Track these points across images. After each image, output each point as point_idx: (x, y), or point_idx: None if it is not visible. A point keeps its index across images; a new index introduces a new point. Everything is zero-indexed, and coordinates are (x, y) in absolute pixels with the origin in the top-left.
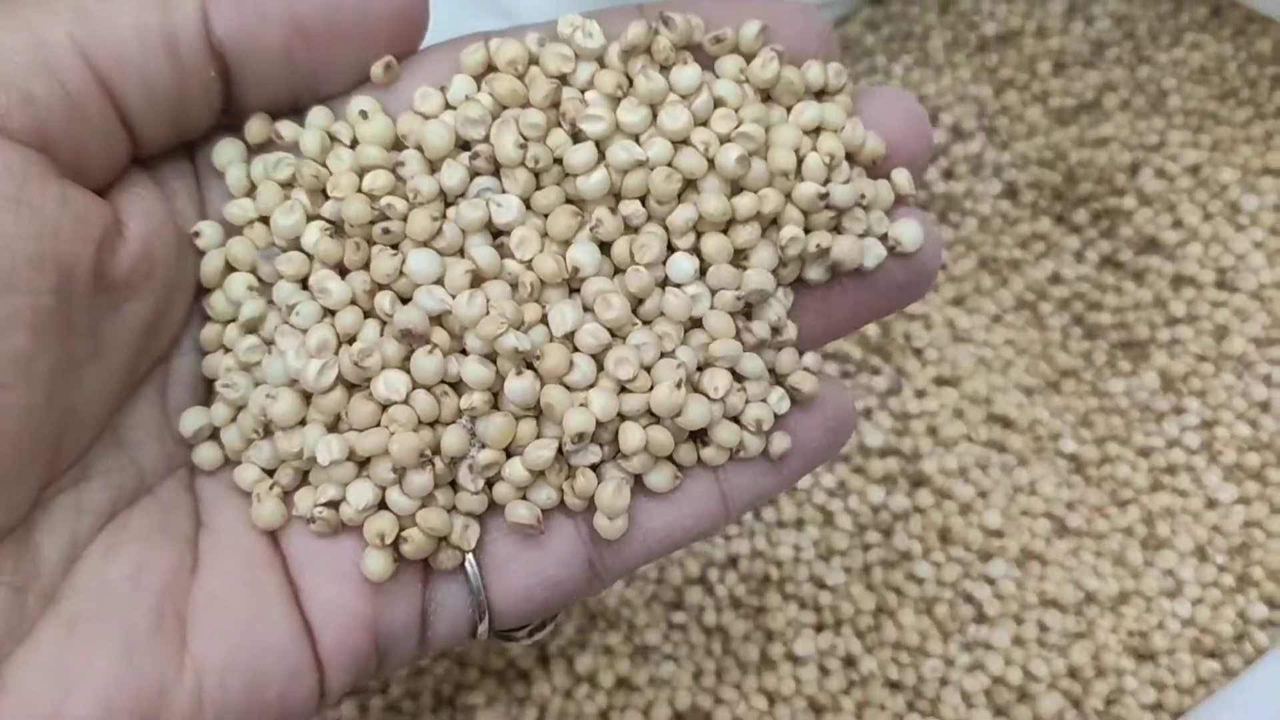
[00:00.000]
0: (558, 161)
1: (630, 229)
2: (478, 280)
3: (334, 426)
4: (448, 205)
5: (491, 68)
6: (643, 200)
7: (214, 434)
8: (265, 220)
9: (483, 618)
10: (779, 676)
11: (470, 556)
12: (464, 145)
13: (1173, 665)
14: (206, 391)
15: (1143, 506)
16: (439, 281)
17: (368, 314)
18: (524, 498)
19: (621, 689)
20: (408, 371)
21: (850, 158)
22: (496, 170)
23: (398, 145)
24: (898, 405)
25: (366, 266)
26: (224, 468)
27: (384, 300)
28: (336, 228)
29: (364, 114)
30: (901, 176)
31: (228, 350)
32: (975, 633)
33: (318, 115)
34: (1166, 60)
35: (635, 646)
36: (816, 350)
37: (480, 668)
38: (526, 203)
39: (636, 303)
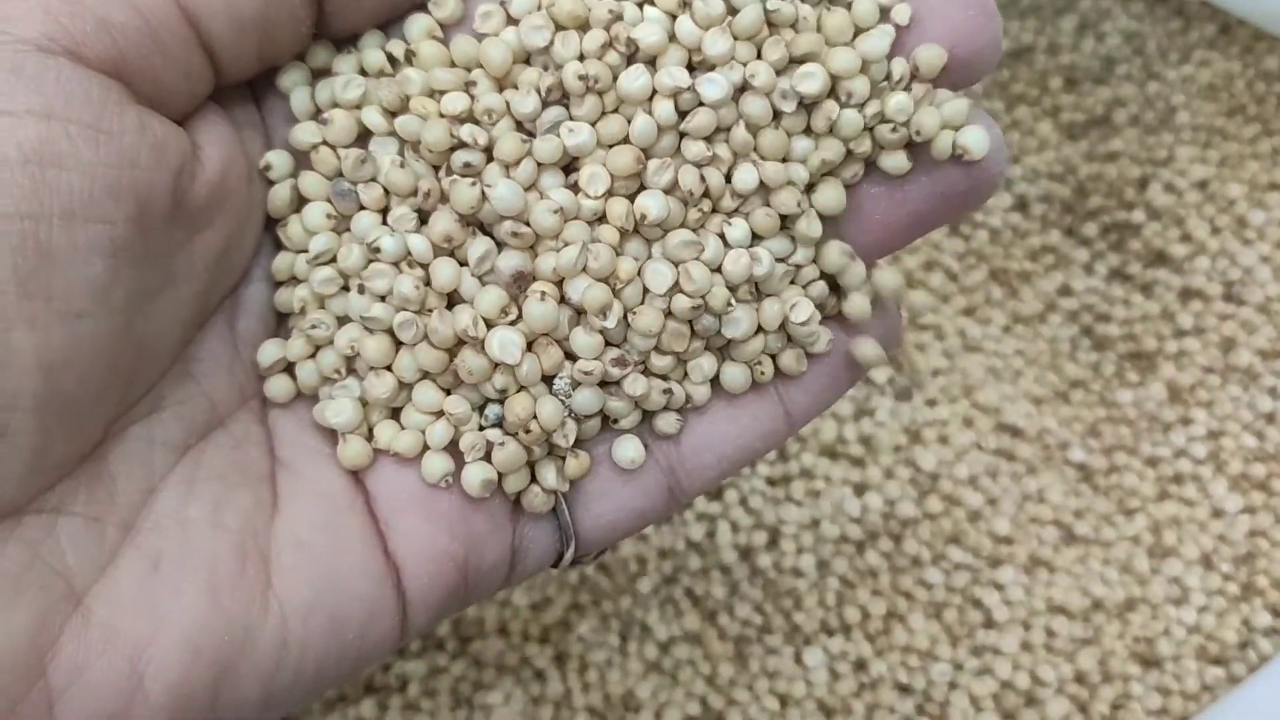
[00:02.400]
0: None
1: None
2: (564, 218)
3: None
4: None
5: None
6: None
7: (288, 366)
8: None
9: (568, 548)
10: (790, 679)
11: (563, 500)
12: (527, 60)
13: (1178, 671)
14: (277, 322)
15: (1149, 515)
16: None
17: (444, 252)
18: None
19: (635, 690)
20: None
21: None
22: (564, 97)
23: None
24: (909, 413)
25: (442, 198)
26: (296, 400)
27: (476, 248)
28: (410, 149)
29: (429, 38)
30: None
31: (300, 281)
32: (984, 638)
33: (371, 38)
34: (1175, 77)
35: (649, 647)
36: (876, 262)
37: (497, 666)
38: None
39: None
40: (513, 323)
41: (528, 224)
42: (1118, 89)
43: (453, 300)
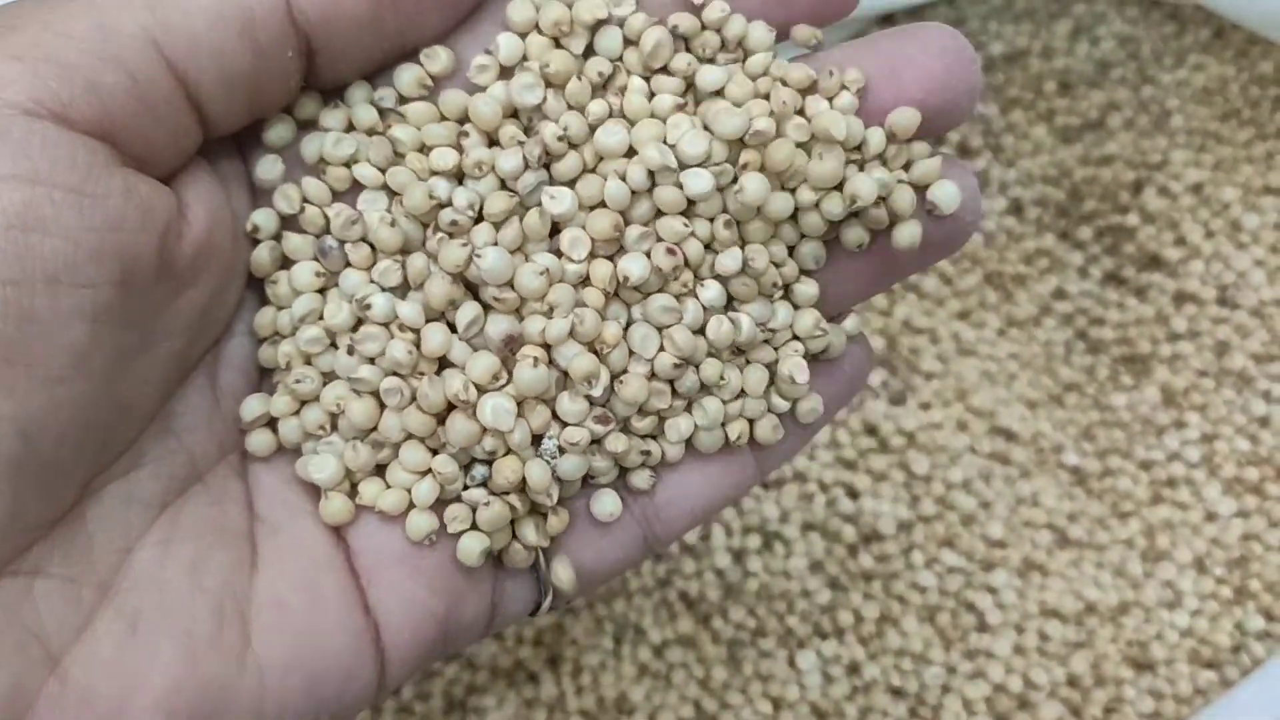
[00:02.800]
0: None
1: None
2: (550, 281)
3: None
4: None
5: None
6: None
7: (270, 421)
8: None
9: (546, 598)
10: (783, 682)
11: (540, 553)
12: (514, 114)
13: (1171, 675)
14: (259, 376)
15: (1143, 519)
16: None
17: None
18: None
19: (629, 693)
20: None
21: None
22: (548, 155)
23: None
24: (903, 417)
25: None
26: (277, 454)
27: (466, 313)
28: (398, 204)
29: (414, 92)
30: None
31: (284, 337)
32: (977, 641)
33: (359, 90)
34: (1170, 81)
35: (643, 650)
36: (851, 309)
37: (490, 669)
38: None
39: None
40: (502, 387)
41: (512, 286)
42: (1112, 93)
43: (441, 363)
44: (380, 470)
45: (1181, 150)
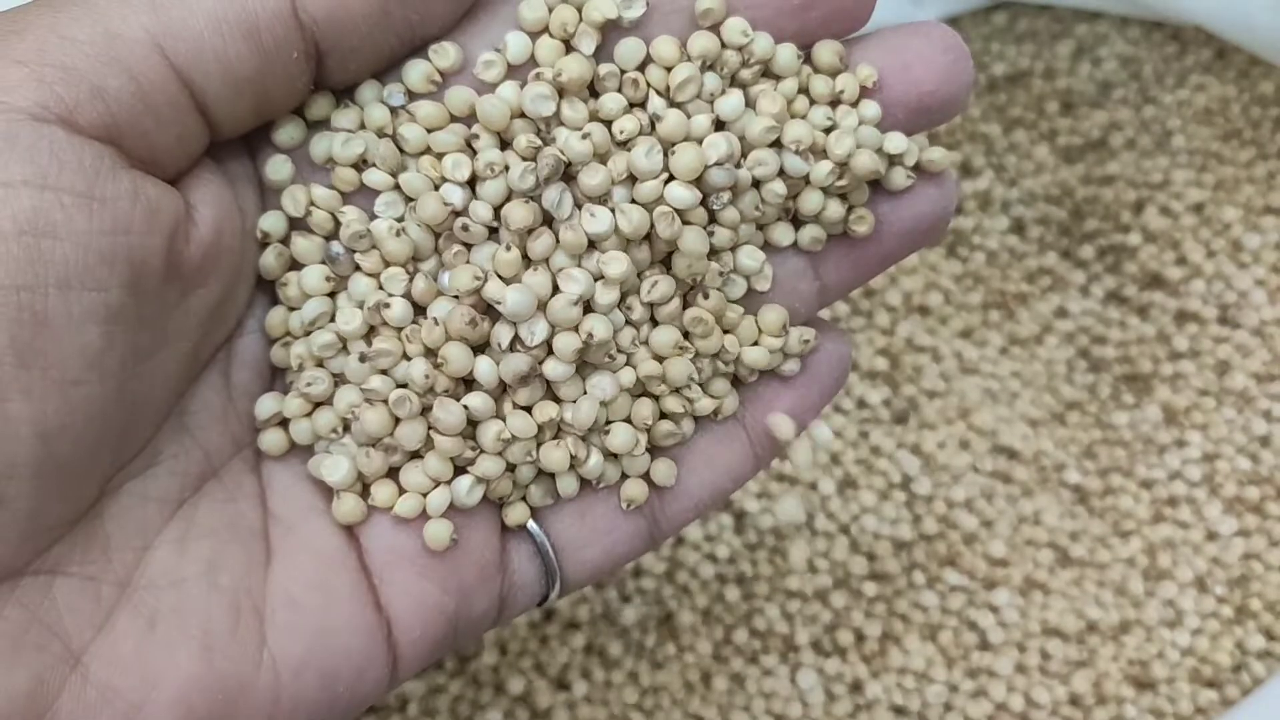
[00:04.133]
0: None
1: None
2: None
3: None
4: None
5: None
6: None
7: (283, 420)
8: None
9: (554, 590)
10: (786, 700)
11: (548, 545)
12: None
13: (1172, 694)
14: (272, 374)
15: (1144, 538)
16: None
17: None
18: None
19: (633, 709)
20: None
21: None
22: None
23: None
24: (905, 435)
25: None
26: (290, 453)
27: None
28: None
29: (427, 89)
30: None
31: (295, 337)
32: (979, 660)
33: (369, 90)
34: (1171, 101)
35: (645, 668)
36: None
37: (495, 686)
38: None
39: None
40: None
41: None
42: (1114, 113)
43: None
44: (393, 472)
45: (1183, 170)
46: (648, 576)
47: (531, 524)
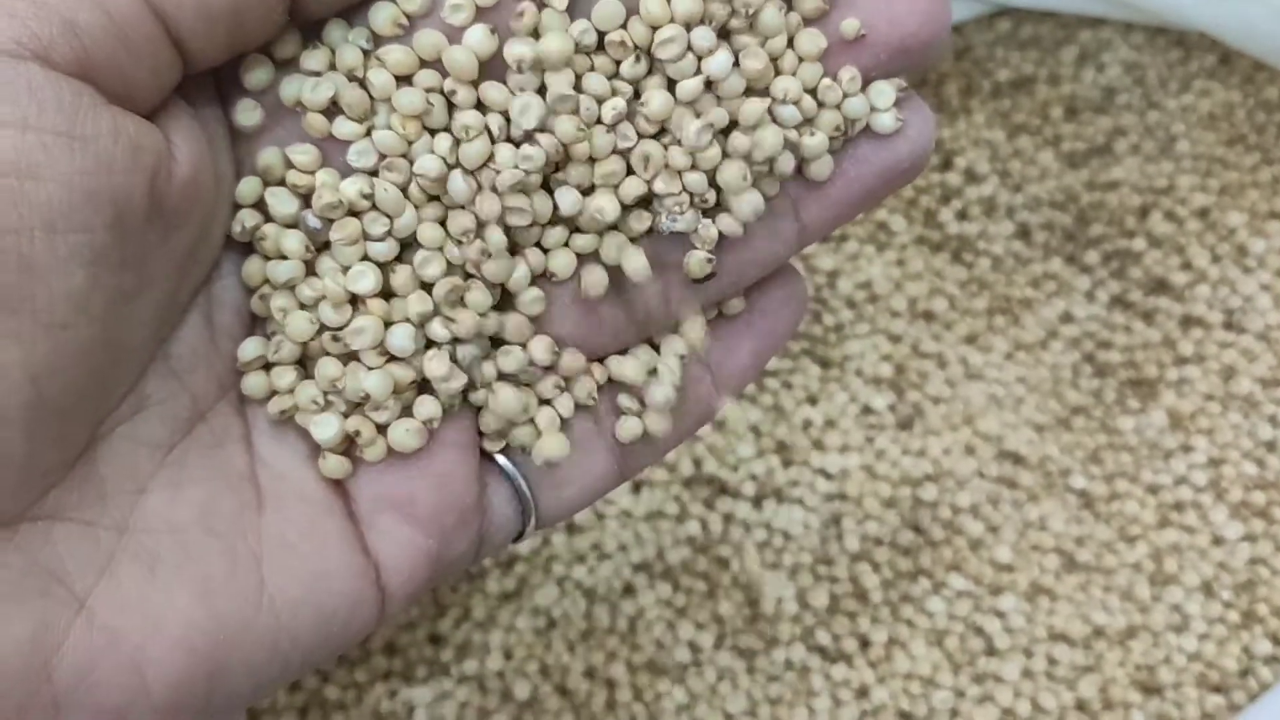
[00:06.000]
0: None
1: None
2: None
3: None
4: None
5: None
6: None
7: (266, 364)
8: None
9: (528, 527)
10: (792, 706)
11: (525, 484)
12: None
13: (1179, 699)
14: (253, 316)
15: (1150, 543)
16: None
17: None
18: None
19: (639, 715)
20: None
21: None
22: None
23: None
24: (910, 441)
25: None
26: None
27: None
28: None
29: (394, 30)
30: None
31: (274, 288)
32: (985, 665)
33: (336, 28)
34: (1176, 106)
35: (645, 676)
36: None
37: (501, 694)
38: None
39: None
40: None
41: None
42: (1118, 118)
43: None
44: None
45: (1188, 175)
46: (654, 581)
47: (510, 467)
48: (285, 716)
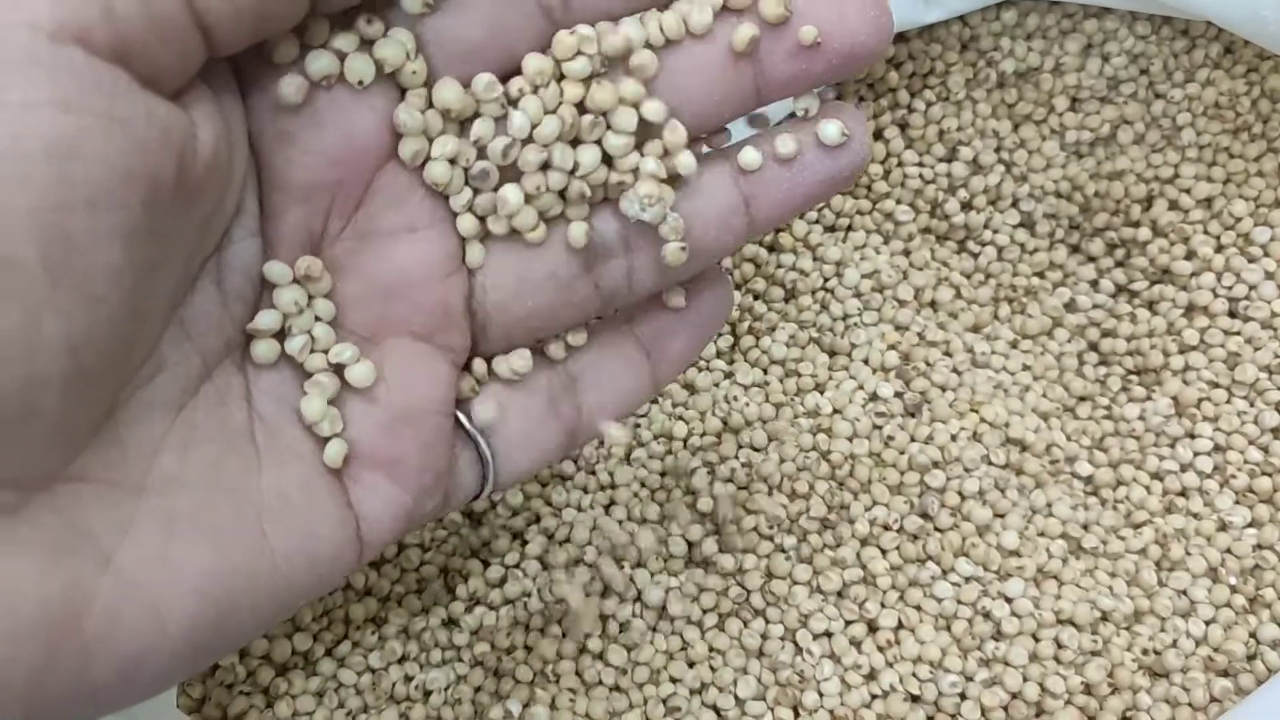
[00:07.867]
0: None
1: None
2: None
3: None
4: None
5: None
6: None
7: (277, 333)
8: None
9: (485, 490)
10: (802, 689)
11: (488, 450)
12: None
13: (1186, 683)
14: (262, 280)
15: (1156, 528)
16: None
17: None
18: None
19: (652, 699)
20: None
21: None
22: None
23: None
24: (917, 429)
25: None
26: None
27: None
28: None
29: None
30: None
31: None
32: (993, 649)
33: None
34: (1180, 96)
35: (666, 656)
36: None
37: (515, 678)
38: None
39: None
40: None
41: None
42: (1123, 108)
43: None
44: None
45: (1192, 165)
46: (662, 570)
47: (475, 433)
48: (301, 700)
